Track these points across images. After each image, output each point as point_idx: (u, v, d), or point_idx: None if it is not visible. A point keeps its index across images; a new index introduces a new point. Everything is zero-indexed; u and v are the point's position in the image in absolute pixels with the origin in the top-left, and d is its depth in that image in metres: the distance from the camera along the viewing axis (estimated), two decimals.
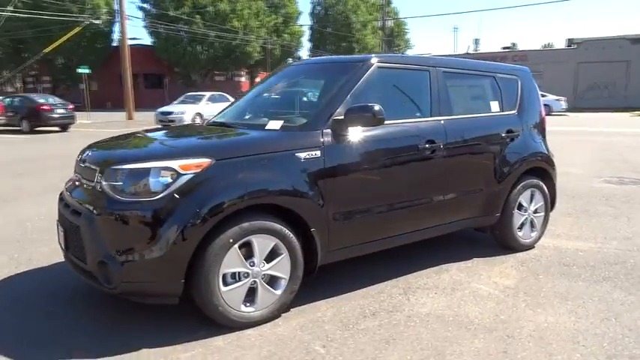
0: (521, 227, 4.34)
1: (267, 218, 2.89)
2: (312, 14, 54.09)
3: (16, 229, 5.08)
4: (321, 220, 3.09)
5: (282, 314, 3.08)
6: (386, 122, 3.43)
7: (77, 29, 24.66)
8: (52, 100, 19.00)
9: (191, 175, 2.71)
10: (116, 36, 35.66)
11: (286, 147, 3.01)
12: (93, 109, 32.48)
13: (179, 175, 2.70)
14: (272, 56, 44.43)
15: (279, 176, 2.94)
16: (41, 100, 18.33)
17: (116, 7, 26.04)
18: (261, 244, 2.88)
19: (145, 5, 40.13)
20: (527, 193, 4.34)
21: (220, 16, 39.37)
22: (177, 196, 2.66)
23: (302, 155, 3.02)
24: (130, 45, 39.99)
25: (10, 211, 5.90)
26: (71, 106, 18.92)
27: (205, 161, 2.76)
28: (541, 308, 3.20)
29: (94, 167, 2.94)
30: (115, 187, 2.75)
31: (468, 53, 42.24)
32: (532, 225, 4.44)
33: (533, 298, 3.35)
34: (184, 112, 18.70)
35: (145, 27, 41.76)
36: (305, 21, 61.91)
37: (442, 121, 3.74)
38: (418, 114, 3.76)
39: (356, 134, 3.25)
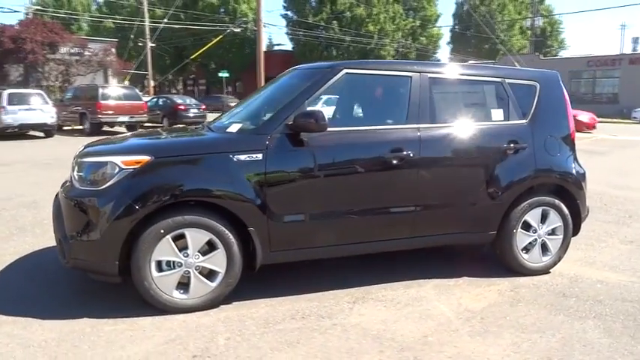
0: (527, 249, 3.93)
1: (203, 214, 3.11)
2: (455, 15, 52.40)
3: None
4: (260, 221, 3.21)
5: (222, 305, 3.27)
6: (348, 129, 3.50)
7: (219, 38, 27.34)
8: (189, 101, 21.44)
9: (130, 170, 3.05)
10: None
11: (225, 149, 3.19)
12: None
13: (121, 169, 3.05)
14: (406, 59, 44.08)
15: (214, 176, 3.13)
16: (179, 101, 20.79)
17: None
18: (195, 237, 3.11)
19: (287, 13, 42.78)
20: (537, 211, 3.90)
21: (356, 21, 40.26)
22: (115, 189, 3.02)
23: (241, 157, 3.17)
24: (273, 50, 42.62)
25: None
26: (203, 107, 21.12)
27: (144, 158, 3.08)
28: (482, 337, 2.93)
29: (73, 161, 3.47)
30: (78, 178, 3.23)
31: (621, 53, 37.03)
32: (545, 248, 3.98)
33: (484, 325, 3.07)
34: None
35: (287, 33, 44.40)
36: (446, 22, 60.04)
37: (418, 130, 3.57)
38: (391, 121, 3.65)
39: (307, 139, 3.29)
